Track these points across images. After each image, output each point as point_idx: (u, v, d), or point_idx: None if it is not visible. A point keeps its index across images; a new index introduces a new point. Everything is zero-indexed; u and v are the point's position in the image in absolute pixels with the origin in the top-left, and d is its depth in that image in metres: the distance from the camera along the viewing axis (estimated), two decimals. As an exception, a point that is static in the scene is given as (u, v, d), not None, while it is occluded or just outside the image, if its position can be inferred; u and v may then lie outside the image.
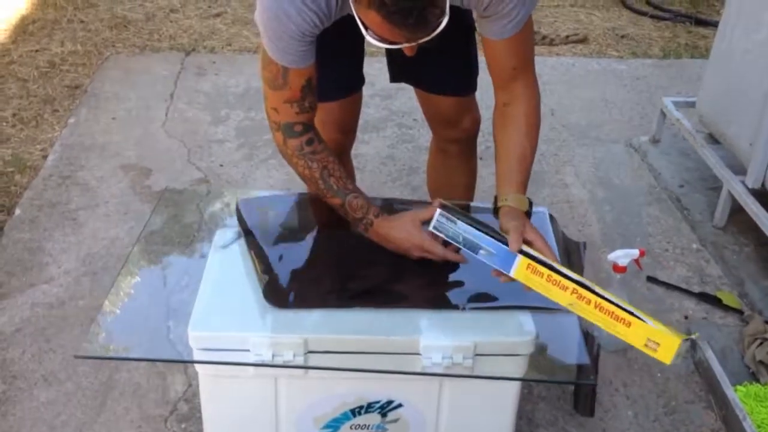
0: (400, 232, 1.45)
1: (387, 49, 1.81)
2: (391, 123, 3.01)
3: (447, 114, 1.85)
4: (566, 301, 1.25)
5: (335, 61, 1.46)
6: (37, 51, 3.47)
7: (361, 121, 1.93)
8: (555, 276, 1.25)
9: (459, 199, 1.92)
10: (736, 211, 2.34)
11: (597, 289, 1.24)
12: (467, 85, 1.82)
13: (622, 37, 3.91)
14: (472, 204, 1.84)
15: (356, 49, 1.76)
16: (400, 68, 1.82)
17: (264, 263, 1.46)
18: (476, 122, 1.87)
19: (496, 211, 1.42)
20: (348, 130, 1.87)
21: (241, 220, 1.58)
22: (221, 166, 2.72)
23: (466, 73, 1.81)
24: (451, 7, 1.18)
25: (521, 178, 1.44)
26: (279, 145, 1.50)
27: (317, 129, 1.50)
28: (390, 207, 1.61)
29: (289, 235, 1.59)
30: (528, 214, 1.41)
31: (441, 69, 1.75)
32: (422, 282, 1.45)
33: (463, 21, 1.72)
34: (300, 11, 1.30)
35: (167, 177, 2.63)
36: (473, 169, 2.00)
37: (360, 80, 1.82)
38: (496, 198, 1.44)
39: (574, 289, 1.24)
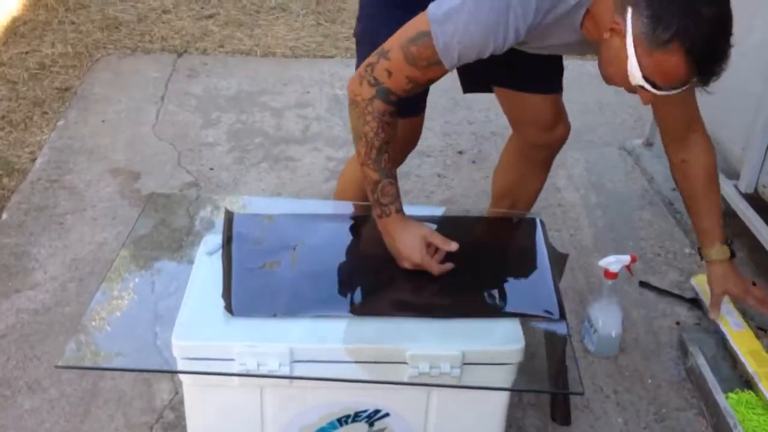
0: (406, 241, 1.44)
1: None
2: (383, 126, 2.98)
3: (543, 116, 1.84)
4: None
5: None
6: (27, 53, 3.44)
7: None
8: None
9: (525, 202, 2.01)
10: (729, 215, 2.32)
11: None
12: (559, 82, 1.84)
13: (616, 39, 3.90)
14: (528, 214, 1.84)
15: None
16: (484, 73, 1.71)
17: (229, 270, 1.44)
18: (568, 131, 1.89)
19: (700, 253, 1.79)
20: (399, 149, 1.69)
21: (227, 229, 1.56)
22: (211, 169, 2.69)
23: (557, 70, 1.82)
24: None
25: (721, 230, 1.73)
26: (360, 96, 1.43)
27: None
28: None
29: (269, 248, 1.53)
30: (732, 255, 1.75)
31: (535, 67, 1.73)
32: (409, 290, 1.44)
33: None
34: (516, 31, 1.33)
35: (157, 181, 2.61)
36: (546, 177, 2.04)
37: (424, 102, 1.78)
38: (700, 248, 1.78)
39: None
